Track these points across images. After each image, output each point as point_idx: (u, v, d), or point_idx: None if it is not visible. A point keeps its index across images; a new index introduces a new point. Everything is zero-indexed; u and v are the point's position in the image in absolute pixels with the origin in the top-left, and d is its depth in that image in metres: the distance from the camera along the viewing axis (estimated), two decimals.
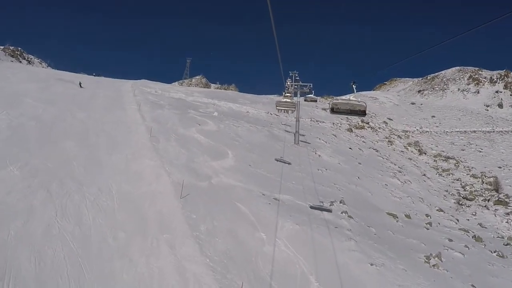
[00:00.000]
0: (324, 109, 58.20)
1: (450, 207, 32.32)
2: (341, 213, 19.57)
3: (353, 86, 24.37)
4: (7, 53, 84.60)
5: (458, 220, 27.62)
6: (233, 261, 11.87)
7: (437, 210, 29.61)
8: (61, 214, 12.54)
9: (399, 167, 39.16)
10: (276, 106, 32.02)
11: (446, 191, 37.05)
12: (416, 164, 43.88)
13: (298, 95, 34.88)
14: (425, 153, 49.08)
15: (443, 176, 42.28)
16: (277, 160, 25.51)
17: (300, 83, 34.49)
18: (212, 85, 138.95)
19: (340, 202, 21.41)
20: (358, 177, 29.91)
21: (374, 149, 42.95)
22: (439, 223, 25.20)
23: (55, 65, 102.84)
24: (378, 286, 12.28)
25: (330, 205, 20.37)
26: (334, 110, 24.20)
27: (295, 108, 32.46)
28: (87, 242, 11.29)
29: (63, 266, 10.02)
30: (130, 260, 10.84)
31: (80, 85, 40.21)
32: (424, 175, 40.14)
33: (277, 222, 14.80)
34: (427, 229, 23.04)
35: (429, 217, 26.35)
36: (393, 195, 29.49)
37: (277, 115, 47.74)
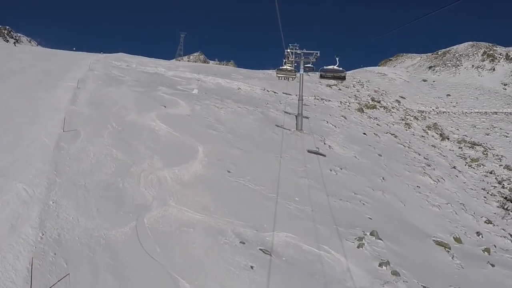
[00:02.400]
0: (329, 86, 48.79)
1: (495, 213, 23.94)
2: (380, 265, 10.71)
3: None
4: None
5: None
6: None
7: (485, 222, 21.67)
8: None
9: (424, 157, 30.12)
10: (276, 73, 27.12)
11: (483, 189, 28.32)
12: (442, 152, 34.86)
13: (302, 67, 25.56)
14: (447, 138, 40.12)
15: (474, 168, 33.48)
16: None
17: (304, 50, 25.24)
18: (211, 61, 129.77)
19: (372, 234, 12.61)
20: (383, 178, 20.93)
21: (391, 134, 33.79)
22: (494, 245, 17.40)
23: (46, 44, 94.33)
24: None
25: (358, 244, 11.58)
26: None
27: (295, 76, 26.75)
28: None
29: None
30: None
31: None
32: (454, 167, 31.24)
33: None
34: (492, 265, 14.76)
35: (481, 237, 18.32)
36: (430, 202, 20.77)
37: (275, 92, 38.28)
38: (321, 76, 24.19)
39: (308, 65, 25.54)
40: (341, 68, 23.91)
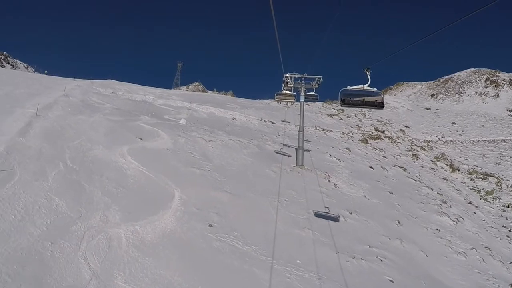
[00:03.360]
0: (330, 116, 45.78)
1: None
2: None
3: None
4: None
5: None
6: None
7: None
8: None
9: (438, 193, 26.73)
10: (275, 98, 24.78)
11: (504, 226, 24.92)
12: (454, 186, 31.46)
13: (302, 95, 22.36)
14: (458, 170, 36.79)
15: (490, 202, 30.09)
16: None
17: (306, 75, 22.04)
18: (209, 91, 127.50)
19: None
20: (399, 222, 17.54)
21: (399, 167, 30.44)
22: None
23: (43, 70, 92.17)
24: None
25: None
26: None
27: (295, 99, 23.92)
28: None
29: None
30: None
31: None
32: (470, 202, 27.84)
33: None
34: None
35: None
36: (454, 249, 17.45)
37: (272, 123, 35.11)
38: (344, 103, 15.38)
39: (310, 92, 22.12)
40: (375, 89, 15.61)
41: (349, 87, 14.90)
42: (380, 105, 15.50)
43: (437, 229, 19.03)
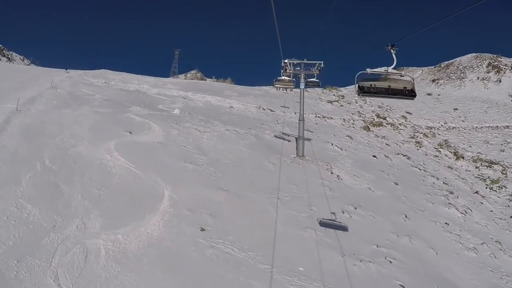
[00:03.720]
0: (330, 102, 44.48)
1: None
2: None
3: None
4: None
5: None
6: None
7: None
8: None
9: (444, 182, 25.64)
10: (274, 84, 23.89)
11: None
12: (459, 174, 30.34)
13: (302, 81, 21.14)
14: (462, 157, 35.64)
15: (496, 191, 28.93)
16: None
17: (305, 60, 20.76)
18: (208, 79, 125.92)
19: None
20: (406, 216, 16.47)
21: (403, 155, 29.31)
22: None
23: (40, 62, 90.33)
24: None
25: None
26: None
27: (294, 85, 23.39)
28: None
29: None
30: None
31: None
32: (477, 192, 26.74)
33: None
34: None
35: None
36: (465, 245, 16.46)
37: (271, 111, 33.87)
38: (363, 91, 11.92)
39: (312, 79, 20.83)
40: (402, 73, 12.35)
41: (368, 70, 11.54)
42: (411, 93, 11.92)
43: (446, 223, 17.98)
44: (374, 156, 26.07)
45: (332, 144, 25.27)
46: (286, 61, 20.28)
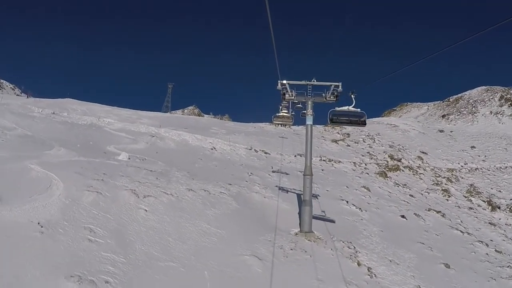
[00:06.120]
0: (335, 141, 37.74)
1: None
2: None
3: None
4: None
5: None
6: None
7: None
8: None
9: (496, 250, 18.64)
10: (273, 120, 23.34)
11: None
12: (505, 233, 23.24)
13: (310, 113, 14.08)
14: (498, 207, 28.70)
15: None
16: None
17: (314, 81, 13.85)
18: (205, 115, 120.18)
19: None
20: None
21: (436, 212, 22.19)
22: None
23: (33, 92, 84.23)
24: None
25: None
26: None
27: (292, 122, 22.98)
28: None
29: None
30: None
31: None
32: None
33: None
34: None
35: None
36: None
37: (266, 153, 26.91)
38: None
39: (353, 109, 14.12)
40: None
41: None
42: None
43: None
44: (403, 217, 18.95)
45: (347, 202, 18.19)
46: (284, 82, 13.46)
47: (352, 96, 14.80)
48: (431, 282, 11.96)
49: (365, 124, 15.79)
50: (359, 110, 15.21)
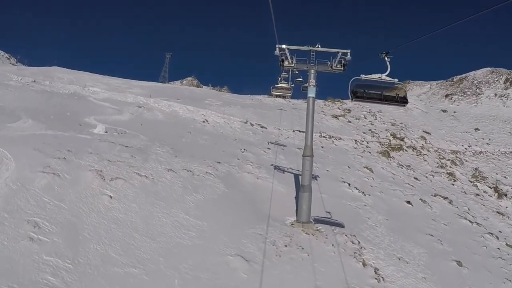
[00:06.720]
0: (336, 117, 35.73)
1: None
2: None
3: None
4: None
5: None
6: None
7: None
8: None
9: (507, 244, 16.98)
10: (271, 91, 23.09)
11: None
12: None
13: (313, 84, 11.89)
14: (505, 195, 27.15)
15: None
16: None
17: (319, 47, 11.39)
18: (204, 87, 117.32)
19: None
20: None
21: (442, 197, 20.48)
22: None
23: (29, 61, 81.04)
24: None
25: None
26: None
27: (291, 93, 22.36)
28: None
29: None
30: None
31: None
32: None
33: None
34: None
35: None
36: None
37: (262, 127, 24.92)
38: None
39: (387, 78, 11.16)
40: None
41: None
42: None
43: None
44: (409, 203, 17.20)
45: (349, 184, 16.35)
46: (283, 47, 11.09)
47: (386, 59, 10.97)
48: (444, 285, 10.27)
49: (406, 102, 12.08)
50: (396, 80, 11.57)
